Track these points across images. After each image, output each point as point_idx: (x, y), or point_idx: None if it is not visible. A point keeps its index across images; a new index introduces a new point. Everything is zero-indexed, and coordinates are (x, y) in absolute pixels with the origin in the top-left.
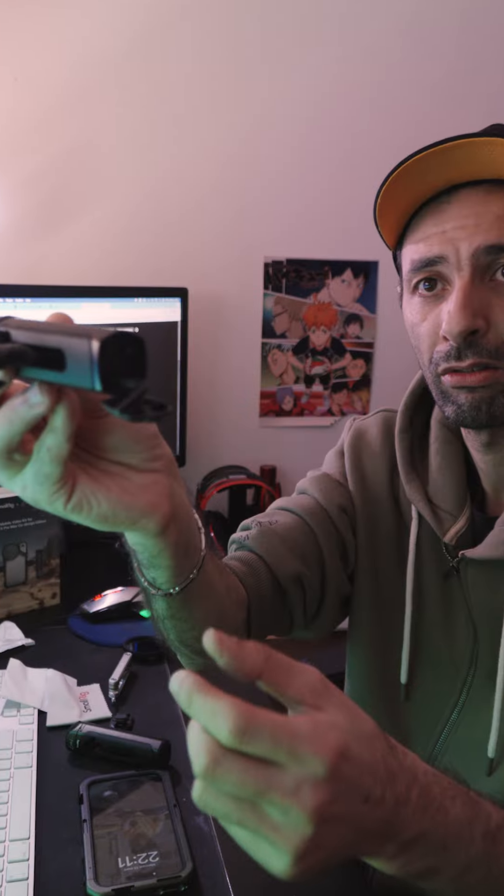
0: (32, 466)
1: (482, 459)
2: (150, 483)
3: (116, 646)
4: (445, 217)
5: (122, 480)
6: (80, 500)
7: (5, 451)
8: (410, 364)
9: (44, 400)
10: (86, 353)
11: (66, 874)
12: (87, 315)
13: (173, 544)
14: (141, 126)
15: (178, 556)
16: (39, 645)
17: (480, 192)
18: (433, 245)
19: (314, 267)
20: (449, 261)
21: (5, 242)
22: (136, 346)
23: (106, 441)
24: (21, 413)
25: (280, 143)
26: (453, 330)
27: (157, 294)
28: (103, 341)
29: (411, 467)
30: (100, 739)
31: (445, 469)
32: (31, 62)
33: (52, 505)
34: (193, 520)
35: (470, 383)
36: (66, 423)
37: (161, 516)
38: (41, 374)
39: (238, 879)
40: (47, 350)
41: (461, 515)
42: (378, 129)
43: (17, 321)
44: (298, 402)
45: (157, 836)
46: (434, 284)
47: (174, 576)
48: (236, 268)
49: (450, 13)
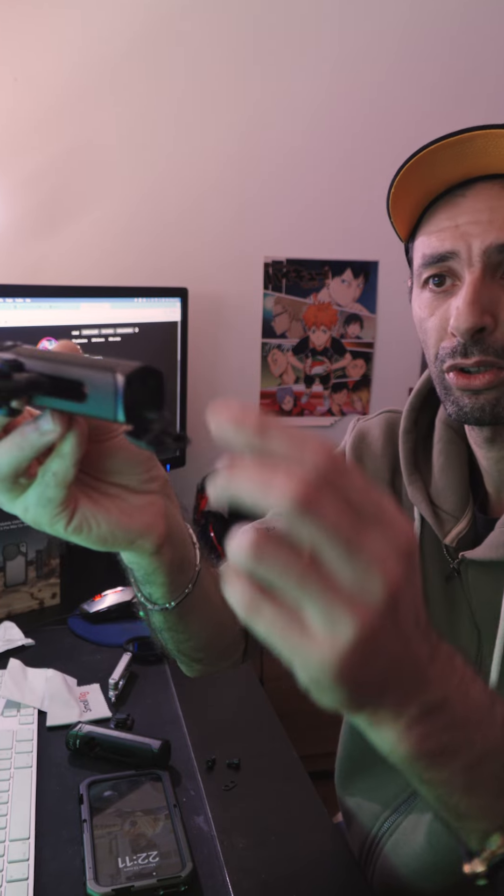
0: (36, 489)
1: (484, 456)
2: (147, 504)
3: (116, 646)
4: (459, 211)
5: (120, 502)
6: (80, 522)
7: (12, 476)
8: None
9: (56, 428)
10: (110, 386)
11: (66, 874)
12: (87, 315)
13: (168, 562)
14: (141, 126)
15: (172, 573)
16: (39, 645)
17: (496, 187)
18: (445, 240)
19: (314, 267)
20: (460, 256)
21: (5, 242)
22: (156, 378)
23: (106, 464)
24: (32, 440)
25: (280, 143)
26: (461, 326)
27: (157, 294)
28: (128, 376)
29: (414, 468)
30: (100, 739)
31: (448, 470)
32: (31, 62)
33: (52, 527)
34: (188, 536)
35: (475, 386)
36: (74, 450)
37: (157, 536)
38: (55, 402)
39: (238, 879)
40: (66, 381)
41: (463, 517)
42: (378, 129)
43: (27, 350)
44: (298, 402)
45: (157, 836)
46: (444, 280)
47: (169, 591)
48: (236, 268)
49: (449, 14)
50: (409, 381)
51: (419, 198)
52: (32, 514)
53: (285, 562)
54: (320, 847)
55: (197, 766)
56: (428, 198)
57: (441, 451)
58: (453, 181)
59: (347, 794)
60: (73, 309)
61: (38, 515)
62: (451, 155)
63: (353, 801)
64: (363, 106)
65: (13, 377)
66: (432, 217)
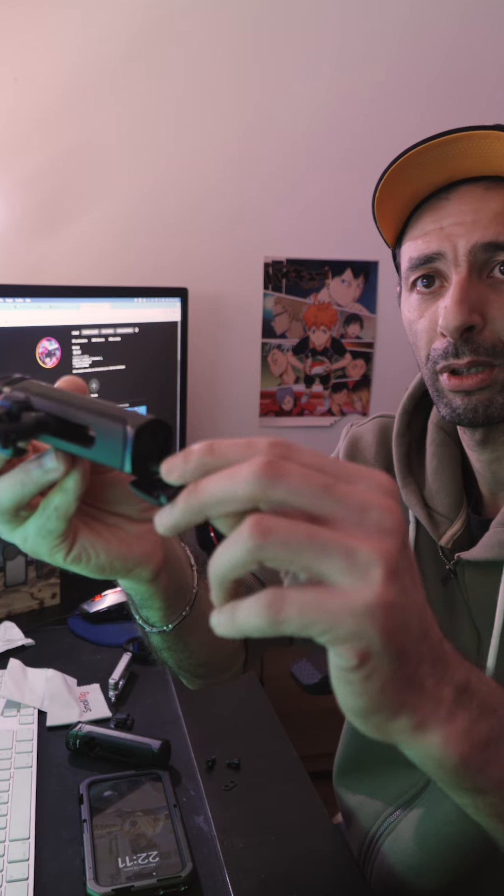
0: (36, 521)
1: (477, 458)
2: (145, 532)
3: (116, 646)
4: (444, 213)
5: (118, 531)
6: (79, 552)
7: (13, 510)
8: (410, 364)
9: (60, 467)
10: (119, 436)
11: (66, 874)
12: (87, 315)
13: (164, 588)
14: (141, 126)
15: (169, 597)
16: (39, 645)
17: (480, 189)
18: (431, 242)
19: (314, 267)
20: (446, 257)
21: (5, 242)
22: (165, 432)
23: (106, 494)
24: (35, 477)
25: (280, 142)
26: (449, 325)
27: (157, 294)
28: (139, 429)
29: (408, 471)
30: (100, 739)
31: (441, 472)
32: (31, 62)
33: (51, 557)
34: (186, 559)
35: (467, 387)
36: (77, 486)
37: (154, 565)
38: (61, 443)
39: (238, 879)
40: (75, 425)
41: (457, 519)
42: (378, 129)
43: (36, 386)
44: (298, 402)
45: (157, 836)
46: (432, 281)
47: (167, 615)
48: (236, 268)
49: (449, 14)
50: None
51: (404, 202)
52: (31, 544)
53: (286, 532)
54: (320, 847)
55: (197, 766)
56: (413, 202)
57: (434, 454)
58: (438, 184)
59: (347, 795)
60: (73, 309)
61: (38, 546)
62: (433, 158)
63: (353, 801)
64: (363, 105)
65: (21, 418)
66: (417, 221)
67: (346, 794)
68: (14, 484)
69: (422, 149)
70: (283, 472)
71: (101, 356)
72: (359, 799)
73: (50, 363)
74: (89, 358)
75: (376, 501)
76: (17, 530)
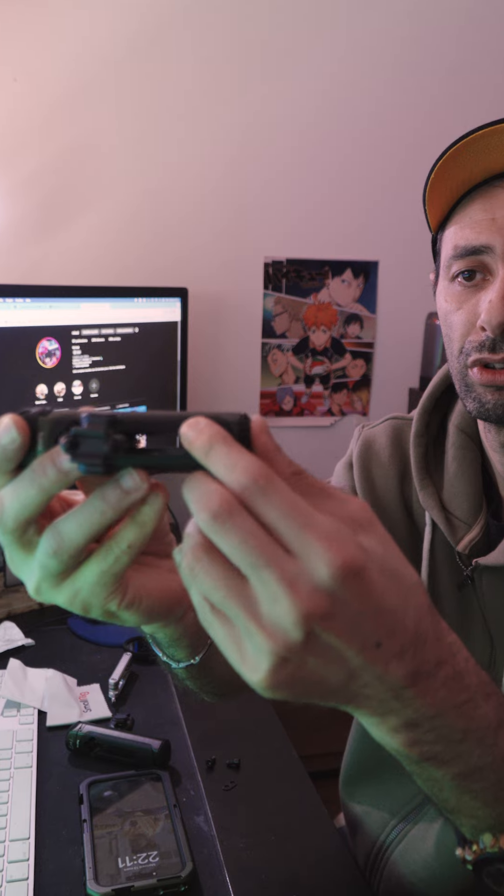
0: (98, 566)
1: (500, 461)
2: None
3: (116, 646)
4: (497, 202)
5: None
6: (134, 595)
7: (24, 525)
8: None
9: (143, 485)
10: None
11: (66, 874)
12: (87, 315)
13: (193, 624)
14: (141, 126)
15: (195, 634)
16: (39, 645)
17: None
18: (481, 232)
19: (314, 267)
20: (495, 251)
21: (5, 242)
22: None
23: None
24: (112, 501)
25: (280, 143)
26: (493, 320)
27: (157, 294)
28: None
29: (426, 473)
30: (100, 739)
31: (462, 475)
32: (31, 62)
33: (105, 606)
34: None
35: (500, 382)
36: (156, 517)
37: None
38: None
39: (238, 879)
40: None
41: (476, 524)
42: (379, 130)
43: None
44: (298, 402)
45: (157, 836)
46: (473, 275)
47: (193, 651)
48: (236, 268)
49: (452, 15)
50: (408, 381)
51: (456, 185)
52: (86, 595)
53: (214, 578)
54: (320, 847)
55: (197, 766)
56: (465, 186)
57: (454, 457)
58: (495, 170)
59: (353, 801)
60: (73, 309)
61: (94, 596)
62: (497, 143)
63: (360, 809)
64: (364, 106)
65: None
66: (467, 207)
67: (353, 800)
68: (92, 513)
69: (486, 132)
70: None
71: (101, 356)
72: (366, 807)
73: (50, 363)
74: (89, 358)
75: (290, 592)
76: (66, 584)
